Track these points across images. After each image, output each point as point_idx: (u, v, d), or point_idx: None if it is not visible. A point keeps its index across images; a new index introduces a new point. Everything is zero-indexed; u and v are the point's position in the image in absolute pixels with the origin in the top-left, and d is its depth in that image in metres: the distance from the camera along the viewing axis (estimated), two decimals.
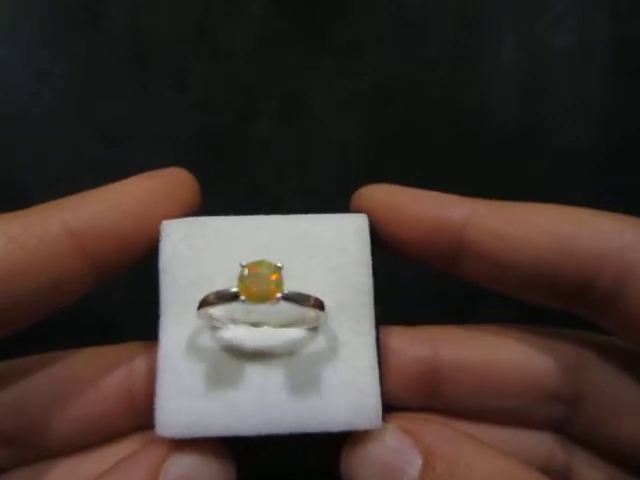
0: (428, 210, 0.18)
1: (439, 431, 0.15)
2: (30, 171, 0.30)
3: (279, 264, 0.15)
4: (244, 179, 0.31)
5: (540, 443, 0.18)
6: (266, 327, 0.17)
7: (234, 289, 0.15)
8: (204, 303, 0.15)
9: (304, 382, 0.16)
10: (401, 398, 0.18)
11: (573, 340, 0.18)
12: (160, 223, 0.17)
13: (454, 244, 0.17)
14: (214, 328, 0.17)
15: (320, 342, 0.17)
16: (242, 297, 0.15)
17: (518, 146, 0.32)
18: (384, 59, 0.32)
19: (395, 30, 0.32)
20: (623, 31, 0.32)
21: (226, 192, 0.31)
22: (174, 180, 0.18)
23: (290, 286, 0.16)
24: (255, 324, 0.17)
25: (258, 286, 0.15)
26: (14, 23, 0.30)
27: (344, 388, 0.16)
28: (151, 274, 0.17)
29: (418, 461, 0.15)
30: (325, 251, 0.18)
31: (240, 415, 0.16)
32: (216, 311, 0.16)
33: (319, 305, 0.16)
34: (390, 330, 0.18)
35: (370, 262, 0.18)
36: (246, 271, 0.15)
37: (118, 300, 0.28)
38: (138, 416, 0.17)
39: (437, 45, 0.32)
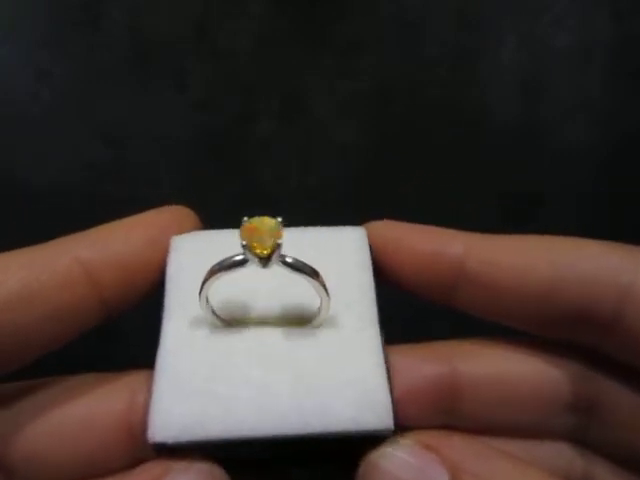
0: (426, 244, 0.18)
1: (466, 446, 0.15)
2: (30, 171, 0.30)
3: (279, 219, 0.15)
4: (244, 179, 0.31)
5: (559, 454, 0.18)
6: (268, 326, 0.17)
7: (238, 257, 0.15)
8: (208, 275, 0.15)
9: (307, 380, 0.16)
10: (417, 419, 0.17)
11: (586, 347, 0.18)
12: (166, 257, 0.17)
13: (453, 277, 0.18)
14: (214, 328, 0.16)
15: (324, 340, 0.16)
16: (243, 242, 0.15)
17: (518, 146, 0.32)
18: (384, 59, 0.32)
19: (395, 30, 0.32)
20: (623, 31, 0.32)
21: (226, 192, 0.31)
22: (179, 216, 0.19)
23: (296, 290, 0.16)
24: (257, 323, 0.17)
25: (261, 237, 0.15)
26: (14, 23, 0.30)
27: (350, 385, 0.16)
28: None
29: (444, 478, 0.14)
30: (327, 257, 0.17)
31: (240, 415, 0.15)
32: (218, 309, 0.16)
33: (314, 272, 0.15)
34: (400, 349, 0.18)
35: (371, 266, 0.18)
36: (247, 223, 0.15)
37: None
38: (137, 452, 0.16)
39: (437, 45, 0.32)
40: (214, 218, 0.33)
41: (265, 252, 0.15)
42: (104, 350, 0.19)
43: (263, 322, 0.17)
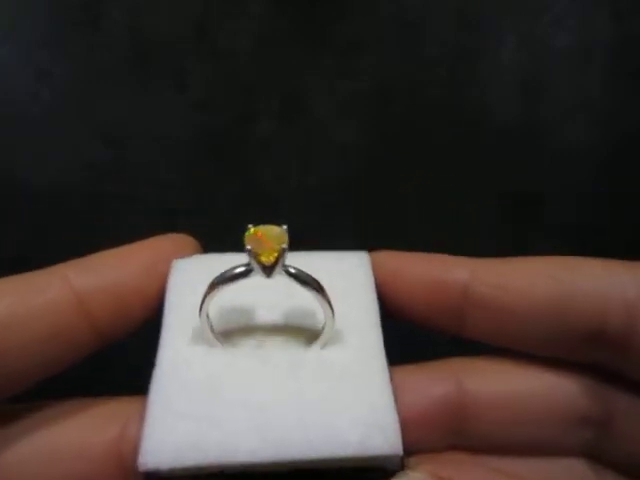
0: (430, 273, 0.18)
1: (478, 476, 0.15)
2: (30, 171, 0.30)
3: (284, 226, 0.15)
4: (244, 179, 0.31)
5: (571, 470, 0.18)
6: (269, 346, 0.16)
7: (240, 269, 0.15)
8: (210, 289, 0.15)
9: (311, 402, 0.15)
10: (425, 442, 0.17)
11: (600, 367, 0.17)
12: (162, 286, 0.17)
13: (460, 304, 0.17)
14: (213, 347, 0.16)
15: (328, 361, 0.16)
16: (248, 246, 0.14)
17: (518, 146, 0.32)
18: (384, 59, 0.32)
19: (395, 30, 0.32)
20: (623, 31, 0.32)
21: (226, 192, 0.31)
22: (179, 244, 0.18)
23: (298, 310, 0.16)
24: (258, 342, 0.16)
25: (266, 243, 0.15)
26: (14, 23, 0.30)
27: (356, 408, 0.15)
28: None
29: None
30: (331, 279, 0.17)
31: (238, 438, 0.14)
32: (217, 328, 0.16)
33: (319, 286, 0.15)
34: (405, 369, 0.17)
35: (375, 290, 0.18)
36: (252, 230, 0.15)
37: None
38: None
39: (437, 45, 0.32)
40: (214, 218, 0.33)
41: (271, 258, 0.15)
42: (101, 372, 0.19)
43: (264, 341, 0.16)
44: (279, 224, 0.15)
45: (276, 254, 0.14)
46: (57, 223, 0.30)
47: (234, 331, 0.16)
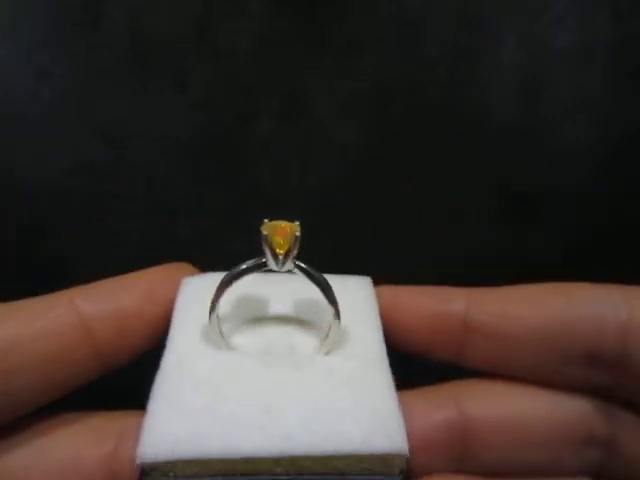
0: (428, 305, 0.18)
1: None
2: (30, 171, 0.30)
3: (297, 223, 0.15)
4: (244, 179, 0.31)
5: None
6: (274, 349, 0.16)
7: (252, 262, 0.15)
8: (222, 285, 0.15)
9: (314, 401, 0.15)
10: (428, 467, 0.17)
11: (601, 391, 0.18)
12: (164, 312, 0.17)
13: (459, 334, 0.18)
14: (220, 349, 0.16)
15: (332, 366, 0.16)
16: (265, 232, 0.14)
17: (518, 146, 0.32)
18: (384, 59, 0.32)
19: (395, 30, 0.32)
20: (623, 31, 0.32)
21: (226, 192, 0.31)
22: (181, 272, 0.19)
23: (305, 318, 0.17)
24: (263, 346, 0.16)
25: (280, 232, 0.15)
26: (14, 23, 0.30)
27: (360, 407, 0.15)
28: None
29: None
30: (335, 294, 0.17)
31: (242, 433, 0.14)
32: (226, 328, 0.16)
33: (327, 285, 0.15)
34: (406, 395, 0.17)
35: (377, 306, 0.18)
36: (268, 222, 0.15)
37: None
38: None
39: (437, 45, 0.32)
40: (214, 218, 0.33)
41: (284, 246, 0.15)
42: (100, 383, 0.19)
43: (270, 345, 0.17)
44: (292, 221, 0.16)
45: (289, 243, 0.15)
46: (57, 223, 0.30)
47: (241, 334, 0.16)
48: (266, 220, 0.15)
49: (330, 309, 0.16)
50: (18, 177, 0.30)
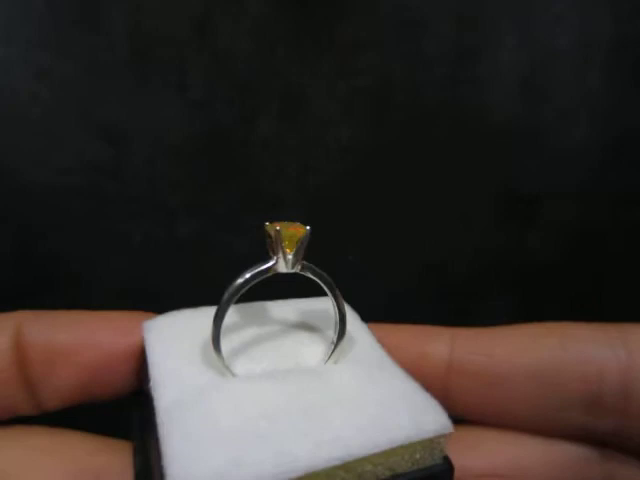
0: (411, 346, 0.18)
1: None
2: (30, 171, 0.30)
3: (307, 227, 0.15)
4: (244, 179, 0.31)
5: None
6: (282, 364, 0.16)
7: (260, 266, 0.14)
8: (230, 296, 0.14)
9: (348, 401, 0.14)
10: None
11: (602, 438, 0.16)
12: (103, 361, 0.16)
13: (442, 374, 0.17)
14: (224, 376, 0.15)
15: (345, 369, 0.16)
16: (277, 227, 0.14)
17: (518, 146, 0.32)
18: (384, 59, 0.32)
19: (395, 30, 0.32)
20: (623, 31, 0.32)
21: (226, 192, 0.31)
22: (132, 320, 0.17)
23: (301, 345, 0.16)
24: (271, 369, 0.16)
25: (287, 233, 0.15)
26: (14, 23, 0.30)
27: (394, 397, 0.15)
28: None
29: None
30: (327, 308, 0.17)
31: (291, 446, 0.13)
32: (228, 357, 0.15)
33: (333, 285, 0.15)
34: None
35: (358, 317, 0.18)
36: (271, 224, 0.15)
37: None
38: None
39: (437, 45, 0.32)
40: (214, 218, 0.33)
41: (295, 246, 0.15)
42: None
43: (276, 363, 0.16)
44: (294, 223, 0.15)
45: (299, 243, 0.15)
46: (57, 223, 0.30)
47: (241, 358, 0.16)
48: (267, 223, 0.15)
49: (331, 320, 0.16)
50: (18, 177, 0.30)
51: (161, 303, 0.18)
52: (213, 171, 0.31)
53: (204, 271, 0.31)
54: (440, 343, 0.17)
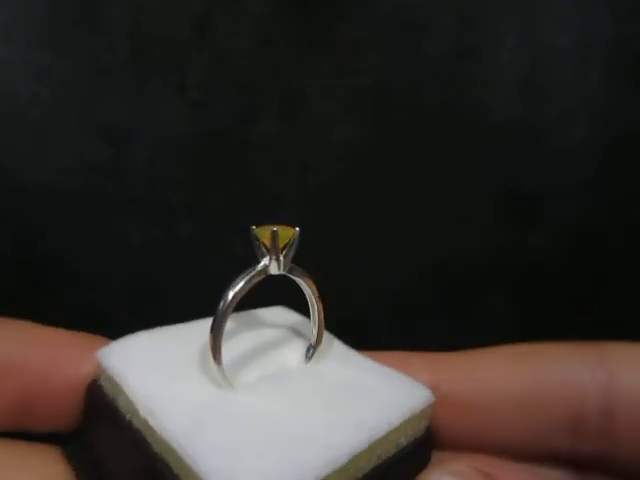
0: None
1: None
2: (30, 171, 0.30)
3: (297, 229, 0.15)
4: (244, 179, 0.31)
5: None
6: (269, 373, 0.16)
7: (253, 270, 0.15)
8: (227, 307, 0.14)
9: (342, 400, 0.15)
10: None
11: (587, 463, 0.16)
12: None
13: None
14: (220, 388, 0.15)
15: (328, 367, 0.16)
16: (274, 228, 0.14)
17: (518, 146, 0.32)
18: (384, 59, 0.32)
19: (395, 30, 0.32)
20: (623, 31, 0.32)
21: (226, 192, 0.31)
22: (83, 349, 0.16)
23: (276, 354, 0.17)
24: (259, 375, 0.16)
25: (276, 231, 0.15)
26: (14, 23, 0.30)
27: (381, 385, 0.16)
28: None
29: None
30: (288, 323, 0.18)
31: (304, 459, 0.13)
32: (228, 368, 0.15)
33: (312, 282, 0.16)
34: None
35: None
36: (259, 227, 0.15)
37: None
38: None
39: (437, 45, 0.32)
40: (214, 218, 0.33)
41: (286, 241, 0.15)
42: None
43: (262, 368, 0.16)
44: (282, 224, 0.16)
45: (290, 244, 0.15)
46: (57, 223, 0.30)
47: (233, 369, 0.16)
48: (254, 227, 0.15)
49: (304, 324, 0.16)
50: (18, 177, 0.30)
51: (161, 303, 0.18)
52: (213, 171, 0.31)
53: (204, 271, 0.31)
54: (419, 371, 0.17)
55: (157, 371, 0.15)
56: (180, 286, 0.31)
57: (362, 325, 0.31)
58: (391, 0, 0.32)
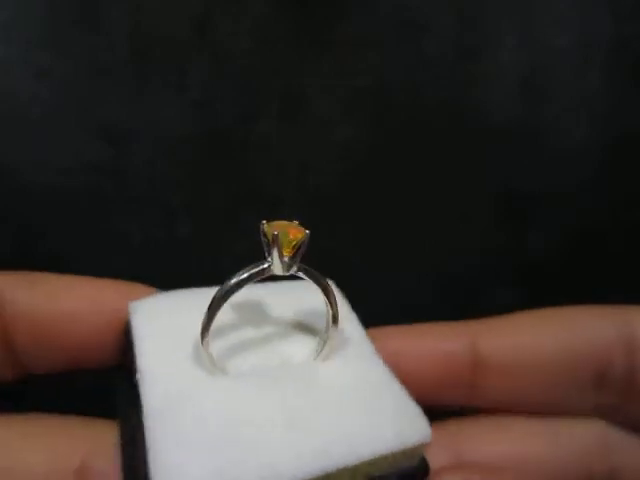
0: (433, 346, 0.17)
1: None
2: (30, 171, 0.30)
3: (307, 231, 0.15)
4: (244, 179, 0.31)
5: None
6: (271, 365, 0.16)
7: (255, 268, 0.14)
8: (220, 299, 0.14)
9: (333, 410, 0.14)
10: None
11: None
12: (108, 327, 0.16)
13: (468, 371, 0.17)
14: (213, 375, 0.15)
15: (334, 372, 0.15)
16: (275, 232, 0.14)
17: (518, 146, 0.32)
18: (384, 59, 0.32)
19: (395, 29, 0.32)
20: (623, 31, 0.32)
21: (226, 192, 0.31)
22: (133, 292, 0.17)
23: (292, 340, 0.16)
24: (258, 364, 0.16)
25: (285, 235, 0.14)
26: (14, 23, 0.30)
27: (379, 406, 0.15)
28: None
29: None
30: (304, 310, 0.17)
31: (275, 459, 0.13)
32: (217, 352, 0.15)
33: (327, 286, 0.15)
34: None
35: (350, 308, 0.18)
36: (268, 224, 0.14)
37: None
38: None
39: (437, 45, 0.32)
40: (214, 218, 0.33)
41: (294, 248, 0.14)
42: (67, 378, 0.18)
43: (266, 361, 0.16)
44: (293, 224, 0.15)
45: (299, 245, 0.14)
46: (57, 223, 0.30)
47: (231, 354, 0.16)
48: (264, 222, 0.15)
49: (324, 314, 0.15)
50: (18, 177, 0.30)
51: None
52: (213, 171, 0.31)
53: (204, 271, 0.31)
54: (462, 340, 0.17)
55: (166, 341, 0.15)
56: (180, 286, 0.31)
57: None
58: (391, 0, 0.32)
